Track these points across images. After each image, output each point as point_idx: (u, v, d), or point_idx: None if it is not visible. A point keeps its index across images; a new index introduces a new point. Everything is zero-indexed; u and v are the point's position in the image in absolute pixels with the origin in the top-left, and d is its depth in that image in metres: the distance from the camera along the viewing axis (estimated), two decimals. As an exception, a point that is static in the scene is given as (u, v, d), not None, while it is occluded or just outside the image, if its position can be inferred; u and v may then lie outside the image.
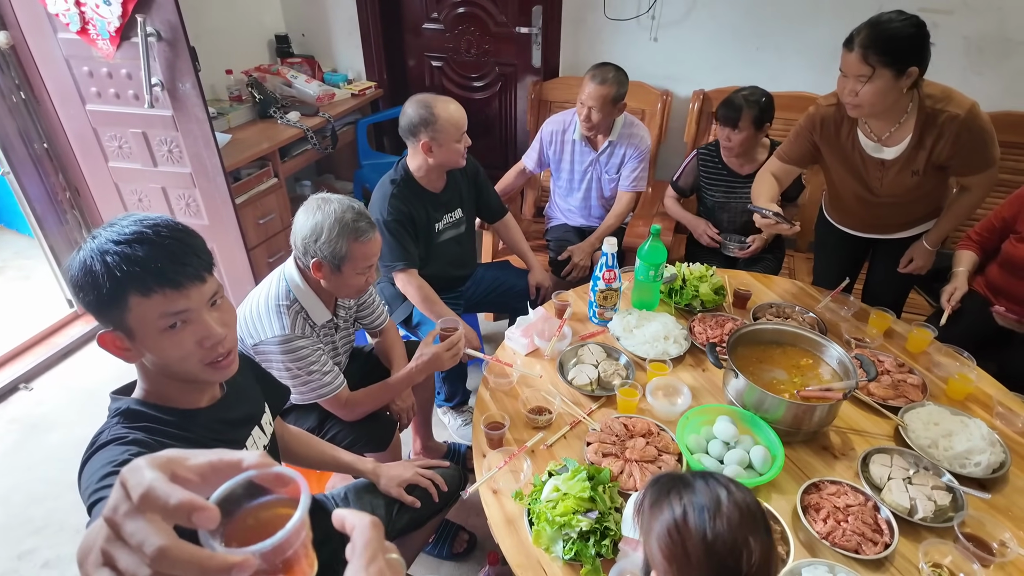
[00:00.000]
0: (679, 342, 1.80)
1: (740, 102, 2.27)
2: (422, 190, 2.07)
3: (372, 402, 1.68)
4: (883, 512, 1.30)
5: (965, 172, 1.88)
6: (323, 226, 1.45)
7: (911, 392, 1.64)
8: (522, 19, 3.17)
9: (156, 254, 0.88)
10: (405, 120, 1.96)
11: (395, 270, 2.06)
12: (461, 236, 2.21)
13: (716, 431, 1.47)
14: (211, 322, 0.95)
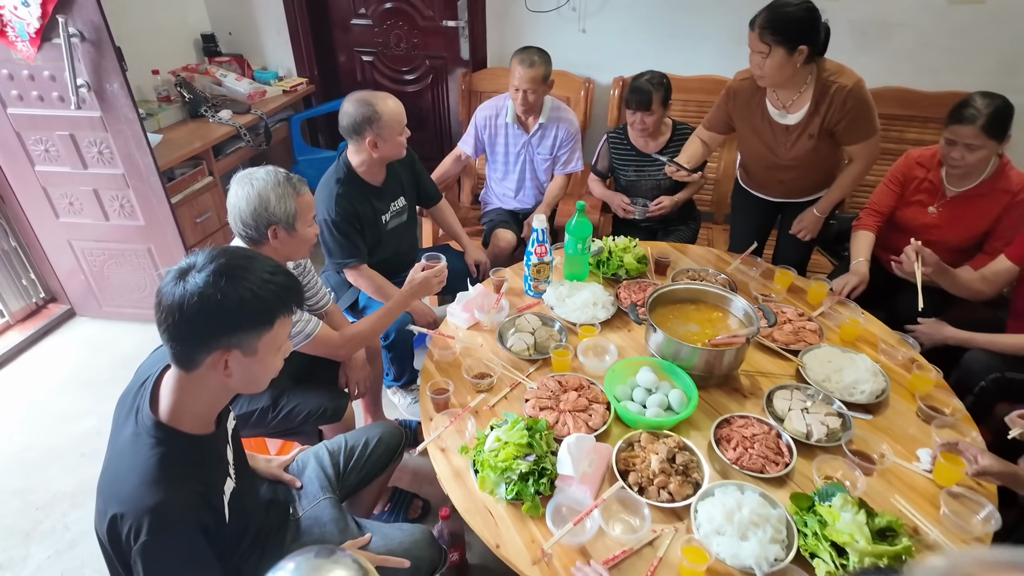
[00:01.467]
0: (607, 307, 1.97)
1: (647, 87, 2.43)
2: (365, 185, 2.13)
3: (370, 329, 1.79)
4: (784, 438, 1.49)
5: (851, 140, 2.13)
6: (267, 193, 1.51)
7: (809, 337, 1.86)
8: (448, 13, 3.27)
9: (294, 282, 1.10)
10: (347, 119, 2.00)
11: (347, 267, 2.14)
12: (405, 223, 2.31)
13: (639, 380, 1.63)
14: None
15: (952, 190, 2.12)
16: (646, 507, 1.31)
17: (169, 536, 0.99)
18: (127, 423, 1.08)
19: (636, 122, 2.50)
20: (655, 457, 1.41)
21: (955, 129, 1.96)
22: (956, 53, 2.71)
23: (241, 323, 1.01)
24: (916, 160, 2.19)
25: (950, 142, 1.99)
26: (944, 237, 2.11)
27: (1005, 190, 2.03)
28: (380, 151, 2.04)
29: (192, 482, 1.04)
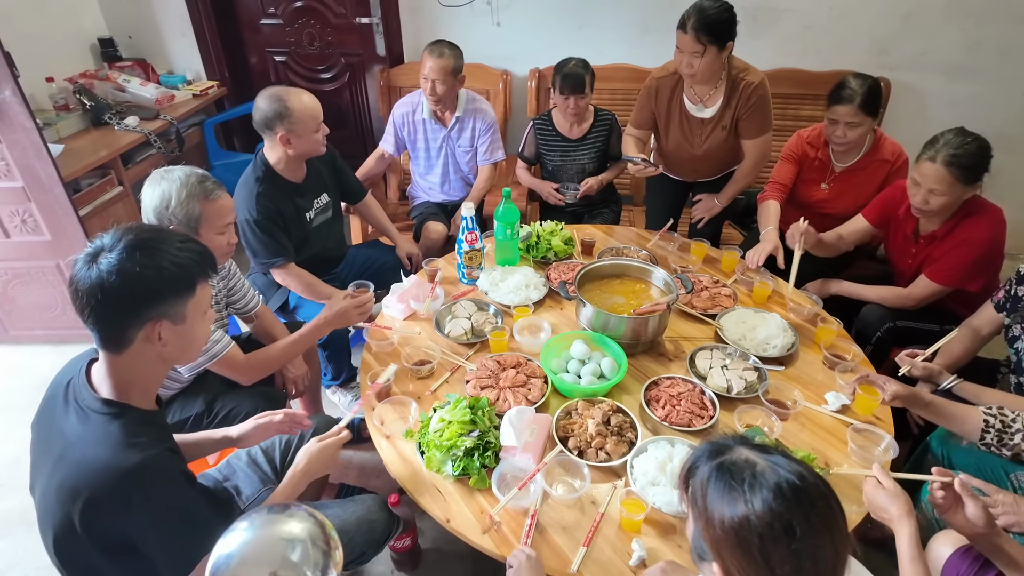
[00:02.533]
0: (539, 288, 2.04)
1: (580, 71, 2.51)
2: (286, 182, 2.11)
3: (277, 357, 1.72)
4: (708, 393, 1.61)
5: (749, 134, 2.33)
6: (171, 192, 1.49)
7: (725, 301, 2.00)
8: (361, 10, 3.25)
9: (205, 248, 1.13)
10: (259, 115, 1.98)
11: (274, 267, 2.10)
12: (330, 220, 2.29)
13: (572, 352, 1.72)
14: None
15: (839, 166, 2.33)
16: (585, 467, 1.38)
17: (169, 485, 1.04)
18: (66, 417, 1.06)
19: (569, 106, 2.55)
20: (591, 422, 1.49)
21: (835, 109, 2.15)
22: (836, 34, 2.96)
23: (166, 292, 1.04)
24: (806, 141, 2.38)
25: (832, 121, 2.19)
26: (838, 209, 2.32)
27: (883, 160, 2.26)
28: (294, 147, 2.02)
29: (160, 444, 1.06)
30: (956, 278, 1.94)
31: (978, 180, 1.85)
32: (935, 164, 1.81)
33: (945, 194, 1.83)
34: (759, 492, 0.80)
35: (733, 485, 0.82)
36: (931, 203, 1.86)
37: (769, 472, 0.81)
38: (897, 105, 3.00)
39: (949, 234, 1.95)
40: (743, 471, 0.82)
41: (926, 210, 1.90)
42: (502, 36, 3.15)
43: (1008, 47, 2.94)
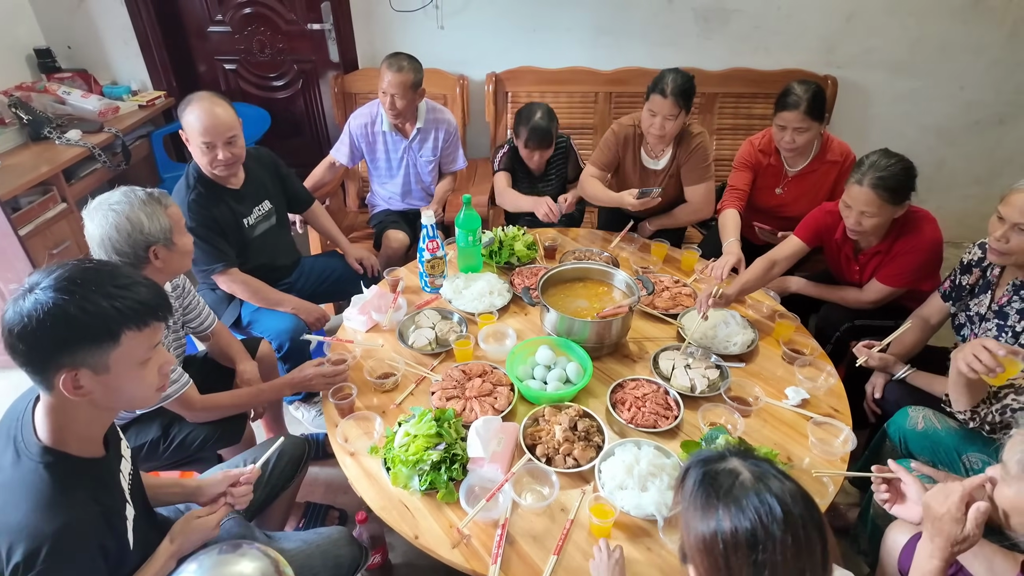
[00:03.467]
0: (503, 294, 2.03)
1: (546, 123, 2.43)
2: (220, 187, 2.04)
3: (231, 405, 1.66)
4: (672, 393, 1.63)
5: (691, 180, 2.43)
6: (136, 215, 1.42)
7: (686, 301, 2.02)
8: (312, 16, 3.19)
9: (150, 293, 1.01)
10: (179, 113, 1.94)
11: (214, 273, 2.03)
12: (275, 227, 2.23)
13: (538, 358, 1.71)
14: (167, 351, 1.06)
15: (791, 170, 2.39)
16: (553, 474, 1.38)
17: (69, 562, 0.93)
18: (5, 452, 1.00)
19: (533, 158, 2.51)
20: (558, 427, 1.49)
21: (782, 115, 2.21)
22: (785, 34, 3.03)
23: (76, 341, 0.94)
24: (758, 148, 2.43)
25: (780, 127, 2.25)
26: (794, 212, 2.35)
27: (833, 161, 2.32)
28: (193, 153, 1.95)
29: (92, 504, 0.99)
30: (907, 281, 1.98)
31: (906, 199, 1.87)
32: (863, 187, 1.83)
33: (876, 215, 1.86)
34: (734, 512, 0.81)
35: (709, 494, 0.84)
36: (864, 224, 1.89)
37: (750, 488, 0.83)
38: (844, 102, 3.09)
39: (891, 249, 1.99)
40: (723, 482, 0.84)
41: (860, 231, 1.92)
42: (457, 40, 3.13)
43: (946, 44, 3.05)
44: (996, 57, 3.09)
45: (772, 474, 0.85)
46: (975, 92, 3.19)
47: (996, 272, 1.72)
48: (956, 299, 1.81)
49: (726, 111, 3.12)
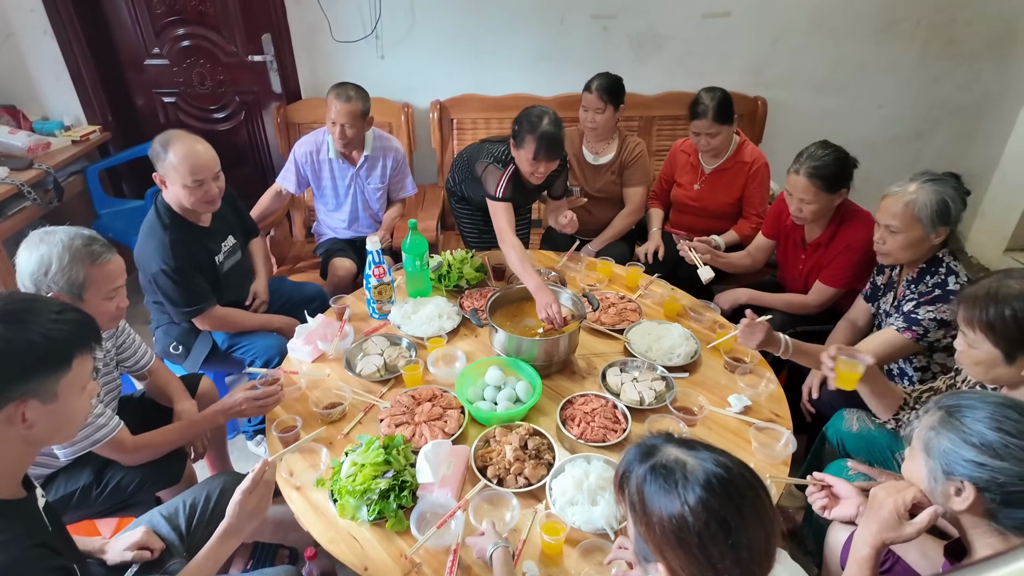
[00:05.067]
0: (452, 317, 2.04)
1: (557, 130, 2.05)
2: (194, 227, 2.00)
3: (165, 442, 1.59)
4: (620, 407, 1.66)
5: (632, 182, 2.68)
6: (51, 256, 1.37)
7: (631, 316, 2.07)
8: (253, 47, 3.17)
9: (85, 316, 1.05)
10: (151, 154, 1.89)
11: (198, 315, 2.00)
12: (240, 261, 2.21)
13: (488, 379, 1.72)
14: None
15: (708, 167, 2.62)
16: (513, 498, 1.38)
17: None
18: None
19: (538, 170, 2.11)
20: (509, 447, 1.49)
21: (694, 123, 2.47)
22: (716, 58, 3.18)
23: (34, 368, 0.95)
24: (680, 148, 2.73)
25: (696, 134, 2.50)
26: (708, 206, 2.63)
27: (744, 163, 2.56)
28: (170, 194, 1.92)
29: (13, 547, 0.93)
30: (847, 280, 2.10)
31: (842, 187, 2.02)
32: (800, 176, 1.99)
33: (813, 202, 2.01)
34: (692, 490, 0.83)
35: (667, 487, 0.85)
36: (804, 211, 2.04)
37: (698, 469, 0.85)
38: (775, 120, 3.24)
39: (832, 240, 2.12)
40: (674, 471, 0.85)
41: (801, 217, 2.07)
42: (400, 69, 3.16)
43: (864, 64, 3.26)
44: (909, 76, 3.31)
45: (707, 450, 0.88)
46: (893, 108, 3.40)
47: (897, 271, 1.84)
48: (873, 299, 1.92)
49: (663, 132, 3.24)
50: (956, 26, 3.17)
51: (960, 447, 0.95)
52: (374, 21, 3.02)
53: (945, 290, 1.67)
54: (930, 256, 1.74)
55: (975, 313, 1.21)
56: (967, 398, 0.99)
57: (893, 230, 1.71)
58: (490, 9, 3.04)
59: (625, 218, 2.73)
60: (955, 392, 1.06)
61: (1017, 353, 1.18)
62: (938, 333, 1.65)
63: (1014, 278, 1.20)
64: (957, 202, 1.67)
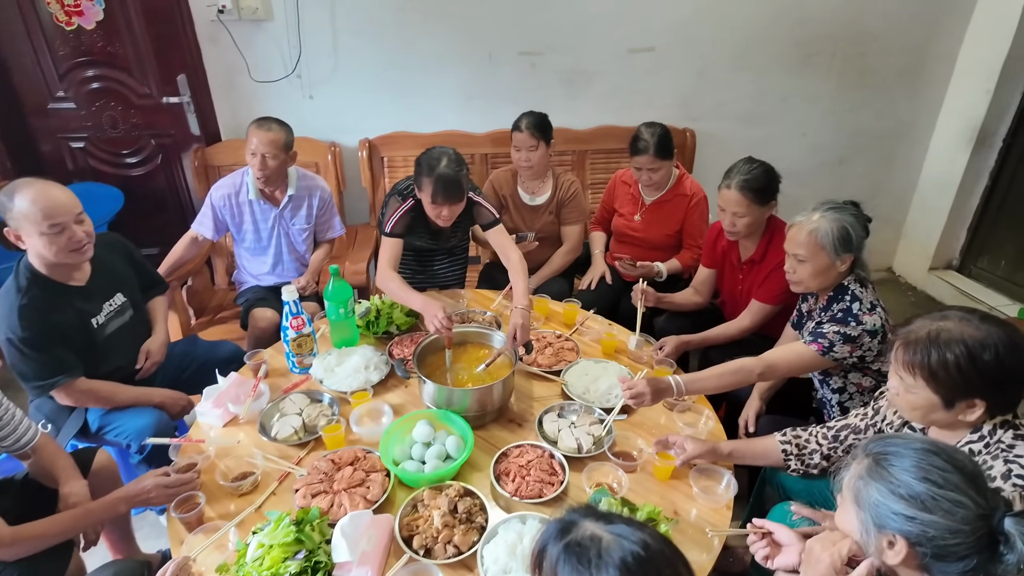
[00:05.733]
0: (380, 368, 1.91)
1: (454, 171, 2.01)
2: (61, 287, 1.78)
3: (51, 533, 1.39)
4: (557, 456, 1.56)
5: (569, 220, 2.68)
6: None
7: (568, 355, 1.99)
8: (168, 89, 3.02)
9: None
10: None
11: (54, 388, 1.76)
12: (130, 323, 1.98)
13: (415, 436, 1.60)
14: None
15: (648, 199, 2.62)
16: (439, 572, 1.26)
17: None
18: None
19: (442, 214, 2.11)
20: (437, 513, 1.37)
21: (635, 159, 2.47)
22: (643, 92, 3.22)
23: None
24: (621, 179, 2.73)
25: (637, 168, 2.50)
26: (649, 236, 2.64)
27: (683, 195, 2.57)
28: (29, 247, 1.70)
29: None
30: (781, 297, 2.11)
31: (771, 200, 2.08)
32: (731, 190, 2.04)
33: (746, 215, 2.05)
34: (606, 570, 0.76)
35: (581, 568, 0.77)
36: (737, 225, 2.08)
37: (614, 546, 0.78)
38: (704, 151, 3.30)
39: (764, 257, 2.15)
40: (589, 550, 0.78)
41: (735, 232, 2.11)
42: (325, 108, 3.07)
43: (786, 95, 3.36)
44: (829, 106, 3.43)
45: (626, 524, 0.82)
46: (816, 137, 3.52)
47: (814, 299, 1.85)
48: (800, 327, 1.93)
49: (597, 166, 3.24)
50: (868, 58, 3.33)
51: (889, 499, 0.91)
52: (295, 61, 2.93)
53: (849, 314, 1.68)
54: (838, 283, 1.75)
55: (916, 359, 1.16)
56: (893, 444, 0.95)
57: (801, 259, 1.73)
58: (416, 48, 3.00)
59: (564, 256, 2.71)
60: (882, 437, 1.01)
61: (956, 399, 1.14)
62: (844, 349, 1.65)
63: (951, 320, 1.16)
64: (858, 229, 1.69)
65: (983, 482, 0.90)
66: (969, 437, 1.19)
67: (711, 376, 1.68)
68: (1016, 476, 1.08)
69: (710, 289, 2.41)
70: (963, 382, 1.12)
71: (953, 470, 0.89)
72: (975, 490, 0.88)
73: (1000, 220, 3.53)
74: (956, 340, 1.13)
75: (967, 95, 3.38)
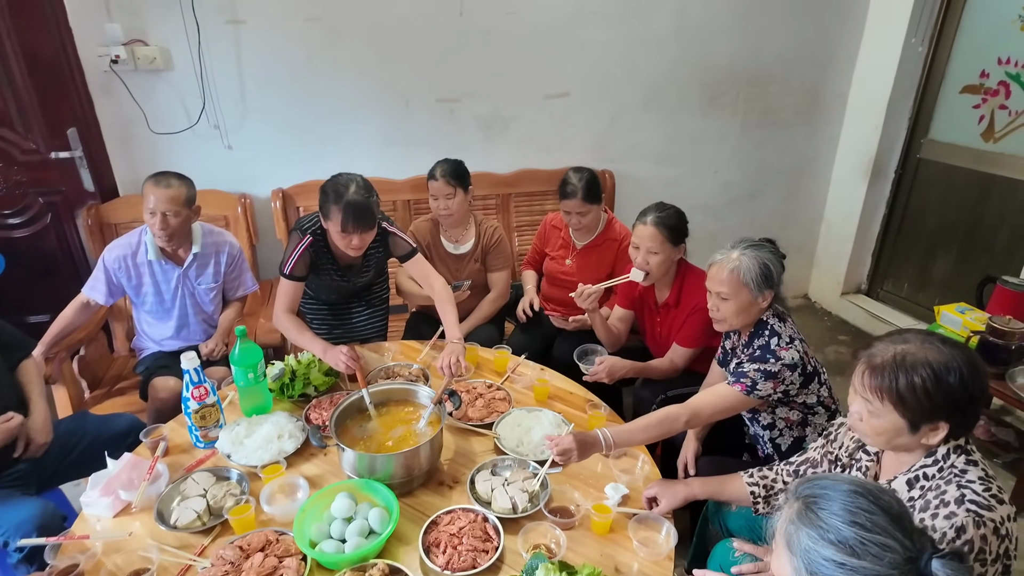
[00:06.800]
0: (295, 436, 1.76)
1: (364, 197, 1.97)
2: None
3: None
4: (491, 520, 1.46)
5: (495, 267, 2.64)
6: None
7: (500, 406, 1.91)
8: (57, 143, 2.80)
9: None
10: None
11: None
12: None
13: (333, 511, 1.46)
14: None
15: (579, 243, 2.62)
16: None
17: None
18: None
19: (352, 243, 2.01)
20: (359, 598, 1.24)
21: (564, 203, 2.49)
22: (561, 136, 3.27)
23: None
24: (551, 224, 2.71)
25: (566, 212, 2.51)
26: (580, 280, 2.52)
27: (613, 239, 2.58)
28: None
29: None
30: (701, 340, 2.14)
31: (681, 241, 2.13)
32: (647, 226, 2.09)
33: (659, 252, 2.09)
34: None
35: None
36: (651, 262, 2.11)
37: None
38: (623, 190, 3.37)
39: (679, 301, 2.17)
40: None
41: (648, 270, 2.13)
42: (233, 159, 2.94)
43: (696, 135, 3.51)
44: (735, 144, 3.60)
45: None
46: (727, 174, 3.68)
47: (737, 336, 1.87)
48: (725, 364, 1.94)
49: (521, 209, 3.24)
50: (769, 98, 3.53)
51: (819, 545, 0.87)
52: (198, 111, 2.79)
53: (767, 351, 1.70)
54: (758, 319, 1.78)
55: (884, 383, 1.14)
56: (821, 486, 0.92)
57: (724, 296, 1.74)
58: (329, 96, 2.93)
59: (492, 303, 2.65)
60: (811, 478, 0.98)
61: (922, 422, 1.14)
62: (767, 386, 1.66)
63: (912, 343, 1.16)
64: (776, 264, 1.73)
65: (909, 523, 0.88)
66: (923, 461, 1.18)
67: (637, 429, 1.65)
68: (969, 501, 1.08)
69: (627, 327, 2.41)
70: (930, 405, 1.11)
71: (879, 511, 0.87)
72: (901, 532, 0.86)
73: (899, 246, 3.78)
74: (922, 363, 1.12)
75: (860, 130, 3.64)
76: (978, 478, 1.12)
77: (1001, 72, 3.08)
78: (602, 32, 3.12)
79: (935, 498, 1.12)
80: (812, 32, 3.43)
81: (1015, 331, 2.35)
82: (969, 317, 2.61)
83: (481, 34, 2.98)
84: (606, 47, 3.15)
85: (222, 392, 1.97)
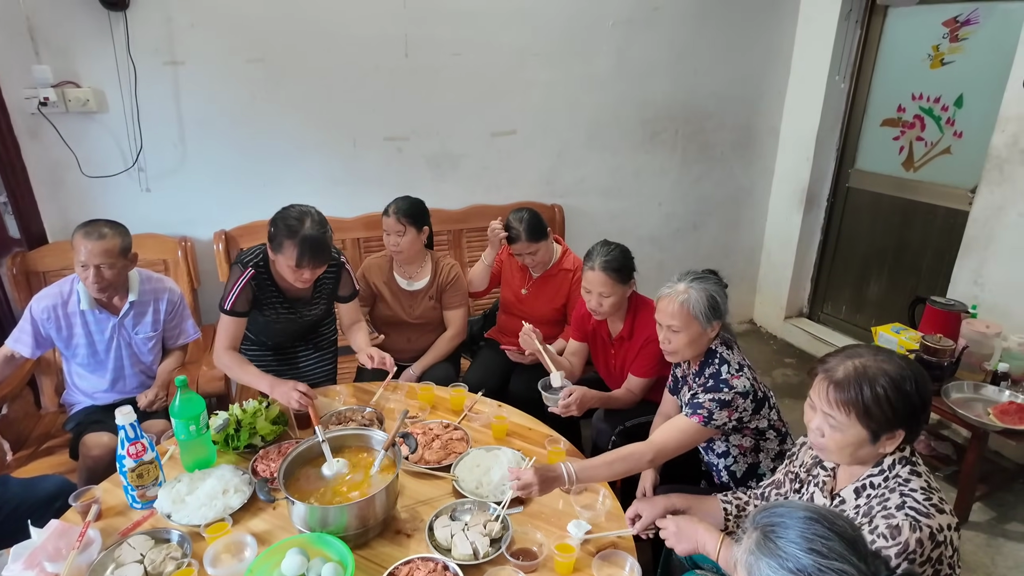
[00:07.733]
0: (241, 490, 1.67)
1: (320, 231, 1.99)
2: None
3: None
4: (451, 567, 1.41)
5: (451, 305, 2.62)
6: None
7: (458, 447, 1.87)
8: (-21, 188, 2.65)
9: None
10: None
11: None
12: None
13: (284, 570, 1.38)
14: None
15: (535, 274, 2.67)
16: None
17: None
18: None
19: (303, 276, 2.02)
20: (313, 663, 1.16)
21: (513, 247, 2.58)
22: (510, 172, 3.32)
23: None
24: (508, 252, 2.72)
25: (517, 253, 2.58)
26: (536, 311, 2.66)
27: (567, 270, 2.64)
28: None
29: None
30: (655, 370, 2.17)
31: (630, 278, 2.16)
32: (596, 271, 2.10)
33: (611, 294, 2.11)
34: None
35: None
36: (604, 305, 2.12)
37: None
38: (572, 224, 3.43)
39: (632, 333, 2.20)
40: None
41: (602, 312, 2.15)
42: (173, 202, 2.84)
43: (639, 170, 3.62)
44: (677, 177, 3.74)
45: None
46: (670, 206, 3.80)
47: (687, 365, 1.91)
48: (676, 392, 1.97)
49: (473, 244, 3.25)
50: (706, 134, 3.69)
51: (779, 574, 0.88)
52: (135, 154, 2.70)
53: (719, 380, 1.74)
54: (707, 348, 1.82)
55: (850, 396, 1.17)
56: (778, 514, 0.93)
57: (675, 329, 1.77)
58: (273, 136, 2.89)
59: (448, 341, 2.62)
60: (768, 505, 0.99)
61: (882, 432, 1.18)
62: (722, 415, 1.70)
63: (865, 356, 1.20)
64: (721, 295, 1.79)
65: (864, 547, 0.90)
66: (871, 471, 1.22)
67: (602, 464, 1.65)
68: (909, 508, 1.13)
69: (582, 361, 2.42)
70: (892, 414, 1.15)
71: (834, 537, 0.88)
72: (856, 556, 0.87)
73: (835, 270, 3.96)
74: (880, 374, 1.16)
75: (792, 162, 3.84)
76: (920, 488, 1.17)
77: (916, 107, 3.32)
78: (546, 72, 3.21)
79: (878, 504, 1.17)
80: (743, 71, 3.62)
81: (946, 348, 2.48)
82: (904, 336, 2.74)
83: (428, 74, 3.01)
84: (550, 87, 3.24)
85: (161, 447, 1.86)
